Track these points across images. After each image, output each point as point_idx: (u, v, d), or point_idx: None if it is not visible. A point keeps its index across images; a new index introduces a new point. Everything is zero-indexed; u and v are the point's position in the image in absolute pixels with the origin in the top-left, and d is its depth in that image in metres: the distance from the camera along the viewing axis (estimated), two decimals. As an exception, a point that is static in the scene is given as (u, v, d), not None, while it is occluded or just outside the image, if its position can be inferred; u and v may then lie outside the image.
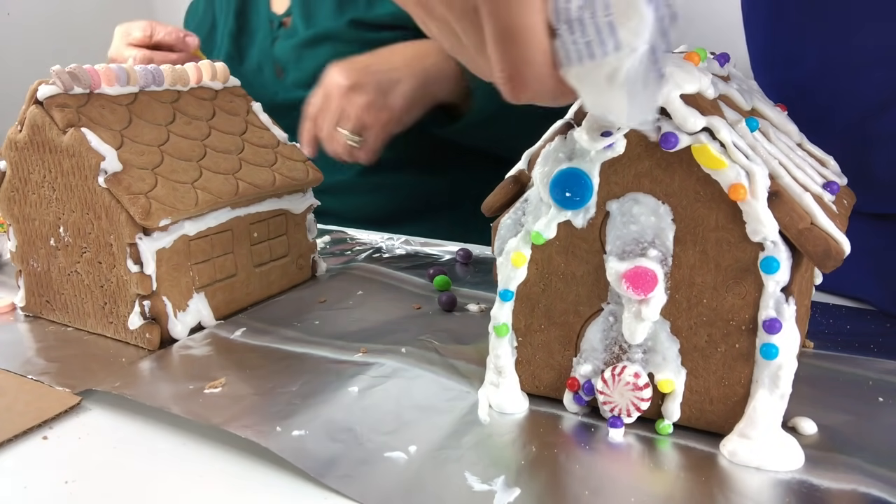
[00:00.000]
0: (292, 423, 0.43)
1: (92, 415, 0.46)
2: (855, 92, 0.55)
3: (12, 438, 0.42)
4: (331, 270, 0.72)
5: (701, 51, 0.41)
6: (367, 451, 0.40)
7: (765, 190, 0.36)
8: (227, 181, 0.59)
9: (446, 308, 0.61)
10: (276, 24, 1.05)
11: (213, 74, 0.65)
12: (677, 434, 0.41)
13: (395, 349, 0.52)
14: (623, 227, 0.40)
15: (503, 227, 0.43)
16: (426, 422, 0.43)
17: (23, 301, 0.62)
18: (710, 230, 0.38)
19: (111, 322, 0.56)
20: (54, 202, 0.56)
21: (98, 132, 0.53)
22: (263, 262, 0.64)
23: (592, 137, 0.38)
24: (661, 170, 0.38)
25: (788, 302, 0.37)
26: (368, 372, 0.49)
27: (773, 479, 0.37)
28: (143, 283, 0.53)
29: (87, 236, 0.55)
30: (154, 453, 0.42)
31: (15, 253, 0.60)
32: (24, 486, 0.39)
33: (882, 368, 0.49)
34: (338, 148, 0.83)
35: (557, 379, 0.44)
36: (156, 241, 0.53)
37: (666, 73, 0.34)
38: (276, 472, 0.40)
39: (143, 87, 0.59)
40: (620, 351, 0.42)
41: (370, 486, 0.37)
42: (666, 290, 0.40)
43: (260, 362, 0.51)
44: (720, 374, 0.40)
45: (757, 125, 0.40)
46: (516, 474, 0.38)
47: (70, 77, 0.53)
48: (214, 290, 0.59)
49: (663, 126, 0.37)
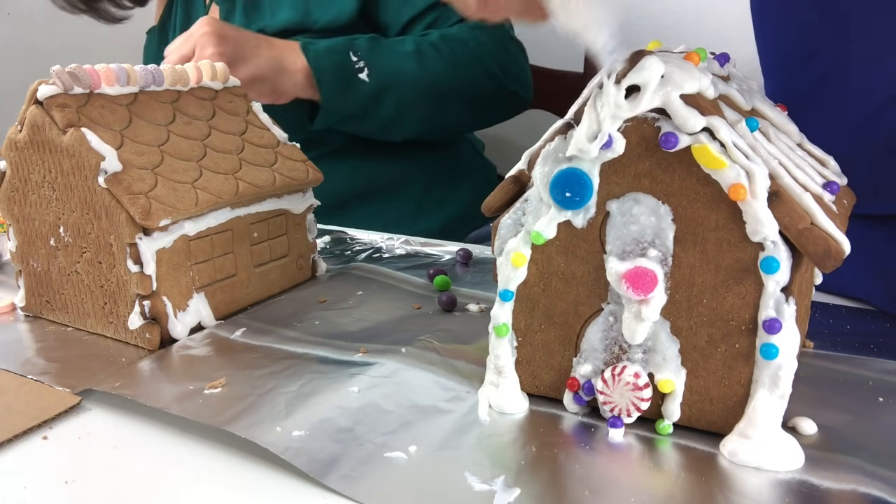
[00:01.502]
0: (292, 424, 0.43)
1: (92, 415, 0.46)
2: (867, 88, 0.55)
3: (12, 438, 0.42)
4: (331, 270, 0.72)
5: (701, 51, 0.41)
6: (367, 451, 0.40)
7: (765, 190, 0.36)
8: (227, 181, 0.59)
9: (446, 308, 0.61)
10: None
11: (213, 74, 0.65)
12: (677, 434, 0.41)
13: (395, 349, 0.52)
14: (623, 227, 0.40)
15: (503, 227, 0.43)
16: (426, 422, 0.43)
17: (23, 301, 0.62)
18: (710, 230, 0.38)
19: (111, 322, 0.56)
20: (54, 202, 0.56)
21: (98, 132, 0.53)
22: (263, 262, 0.64)
23: (588, 141, 0.38)
24: (661, 170, 0.38)
25: (788, 302, 0.37)
26: (368, 372, 0.49)
27: (773, 479, 0.37)
28: (143, 283, 0.53)
29: (87, 236, 0.55)
30: (154, 453, 0.42)
31: (15, 253, 0.60)
32: (24, 486, 0.39)
33: (882, 368, 0.49)
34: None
35: (557, 379, 0.44)
36: (156, 241, 0.53)
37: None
38: (276, 472, 0.40)
39: (143, 87, 0.59)
40: (620, 351, 0.42)
41: (370, 486, 0.37)
42: (666, 291, 0.40)
43: (260, 362, 0.51)
44: (720, 374, 0.40)
45: (757, 125, 0.40)
46: (516, 474, 0.38)
47: (70, 77, 0.53)
48: (214, 290, 0.59)
49: (663, 126, 0.37)
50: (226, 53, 0.83)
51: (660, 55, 0.39)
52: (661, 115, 0.38)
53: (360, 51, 0.91)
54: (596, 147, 0.38)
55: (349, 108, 0.91)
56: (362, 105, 0.92)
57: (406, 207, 1.06)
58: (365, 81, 0.90)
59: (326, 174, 1.03)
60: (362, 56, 0.90)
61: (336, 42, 0.91)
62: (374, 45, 0.93)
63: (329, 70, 0.88)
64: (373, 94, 0.92)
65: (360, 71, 0.90)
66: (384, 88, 0.92)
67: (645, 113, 0.38)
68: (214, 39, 0.82)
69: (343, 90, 0.89)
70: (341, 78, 0.89)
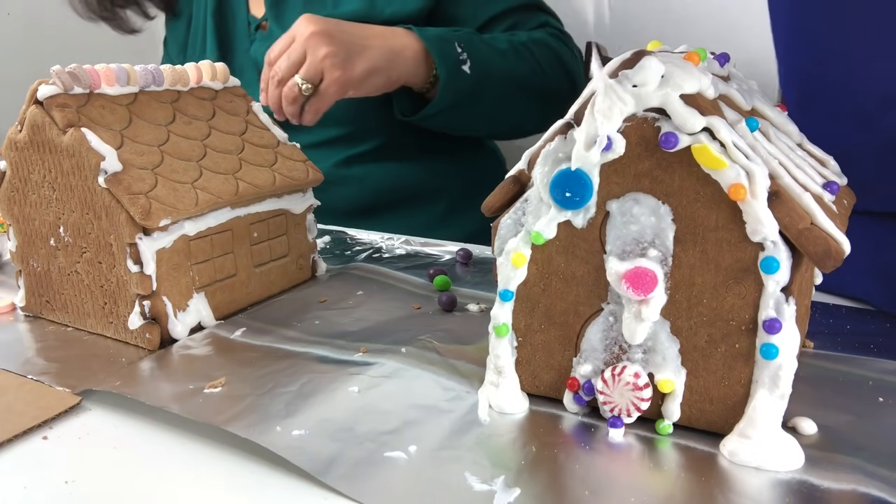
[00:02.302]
0: (292, 423, 0.43)
1: (92, 415, 0.46)
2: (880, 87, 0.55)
3: (12, 438, 0.42)
4: (331, 270, 0.72)
5: (701, 51, 0.41)
6: (367, 450, 0.40)
7: (765, 190, 0.36)
8: (227, 181, 0.59)
9: (446, 308, 0.61)
10: (254, 27, 1.06)
11: (213, 74, 0.65)
12: (677, 434, 0.41)
13: (395, 349, 0.52)
14: (623, 227, 0.40)
15: (503, 227, 0.43)
16: (426, 422, 0.43)
17: (23, 301, 0.62)
18: (710, 230, 0.38)
19: (111, 322, 0.56)
20: (54, 202, 0.56)
21: (98, 132, 0.53)
22: (263, 262, 0.64)
23: (587, 148, 0.38)
24: (661, 170, 0.38)
25: (788, 302, 0.37)
26: (368, 372, 0.49)
27: (773, 479, 0.37)
28: (143, 284, 0.53)
29: (87, 236, 0.55)
30: (154, 453, 0.42)
31: (15, 253, 0.60)
32: (24, 487, 0.39)
33: (882, 368, 0.49)
34: (288, 94, 0.82)
35: (557, 379, 0.44)
36: (156, 241, 0.53)
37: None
38: (276, 472, 0.40)
39: (143, 87, 0.59)
40: (620, 351, 0.42)
41: (370, 485, 0.37)
42: (666, 291, 0.40)
43: (260, 362, 0.51)
44: (720, 374, 0.40)
45: (757, 125, 0.40)
46: (516, 474, 0.38)
47: (70, 77, 0.53)
48: (214, 290, 0.59)
49: (663, 126, 0.37)
50: (339, 53, 0.80)
51: (660, 55, 0.39)
52: (661, 115, 0.38)
53: (463, 42, 0.89)
54: (596, 152, 0.38)
55: (456, 97, 0.89)
56: (465, 97, 0.90)
57: (431, 215, 1.05)
58: (467, 73, 0.88)
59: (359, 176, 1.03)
60: (465, 48, 0.89)
61: (443, 31, 0.89)
62: (472, 38, 0.91)
63: (443, 58, 0.86)
64: (473, 87, 0.90)
65: (464, 63, 0.88)
66: (482, 82, 0.91)
67: (645, 113, 0.38)
68: (325, 39, 0.79)
69: (452, 79, 0.87)
70: (449, 66, 0.86)
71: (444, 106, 0.89)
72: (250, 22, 1.06)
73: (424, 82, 0.89)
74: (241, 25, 1.07)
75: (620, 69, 0.39)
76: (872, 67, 0.55)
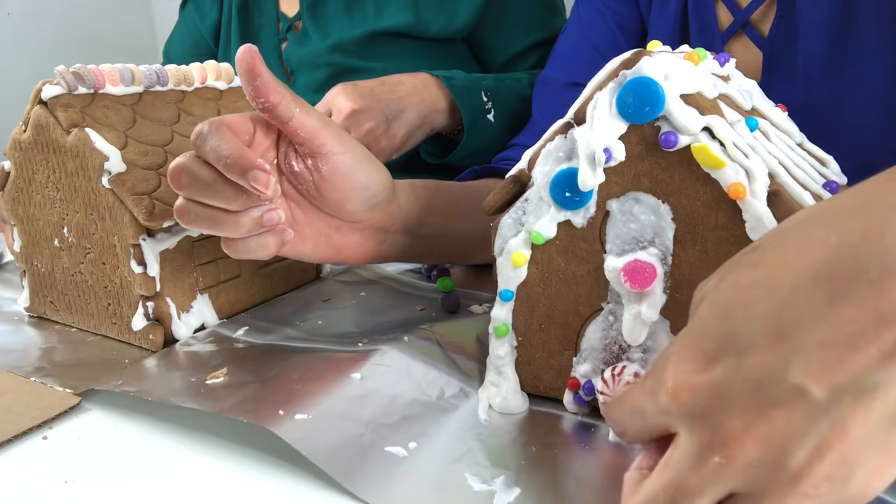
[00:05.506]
0: (294, 408, 0.43)
1: (92, 415, 0.46)
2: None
3: (12, 438, 0.43)
4: (334, 271, 0.72)
5: (701, 51, 0.41)
6: (367, 441, 0.40)
7: (764, 189, 0.36)
8: (230, 182, 0.59)
9: (449, 310, 0.61)
10: (286, 26, 1.05)
11: (218, 74, 0.65)
12: (678, 435, 0.41)
13: (398, 336, 0.53)
14: (623, 226, 0.40)
15: (503, 227, 0.43)
16: (427, 420, 0.43)
17: (27, 301, 0.62)
18: (709, 229, 0.38)
19: (115, 323, 0.56)
20: (58, 202, 0.56)
21: (102, 132, 0.53)
22: (268, 264, 0.64)
23: (591, 169, 0.38)
24: (661, 169, 0.38)
25: (789, 302, 0.37)
26: (371, 359, 0.49)
27: (773, 479, 0.37)
28: (147, 285, 0.53)
29: (90, 237, 0.55)
30: (154, 453, 0.42)
31: (19, 253, 0.61)
32: (24, 487, 0.39)
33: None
34: None
35: (557, 379, 0.44)
36: (159, 243, 0.53)
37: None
38: (276, 471, 0.40)
39: (148, 87, 0.59)
40: (620, 351, 0.41)
41: (370, 483, 0.37)
42: (665, 290, 0.40)
43: (262, 357, 0.51)
44: (721, 375, 0.39)
45: (757, 125, 0.40)
46: (516, 474, 0.38)
47: (74, 77, 0.53)
48: (218, 292, 0.59)
49: (663, 126, 0.37)
50: (381, 125, 0.81)
51: (659, 55, 0.39)
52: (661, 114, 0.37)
53: (489, 91, 0.90)
54: (600, 171, 0.38)
55: (480, 143, 0.90)
56: (487, 144, 0.91)
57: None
58: (491, 122, 0.90)
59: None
60: (490, 97, 0.90)
61: (470, 80, 0.90)
62: (498, 85, 0.92)
63: (469, 109, 0.87)
64: (496, 135, 0.91)
65: (489, 112, 0.90)
66: (504, 131, 0.92)
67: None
68: (365, 115, 0.79)
69: (477, 127, 0.89)
70: (475, 117, 0.88)
71: (468, 152, 0.91)
72: (280, 19, 1.06)
73: (453, 129, 0.91)
74: (267, 22, 1.07)
75: (620, 69, 0.39)
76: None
